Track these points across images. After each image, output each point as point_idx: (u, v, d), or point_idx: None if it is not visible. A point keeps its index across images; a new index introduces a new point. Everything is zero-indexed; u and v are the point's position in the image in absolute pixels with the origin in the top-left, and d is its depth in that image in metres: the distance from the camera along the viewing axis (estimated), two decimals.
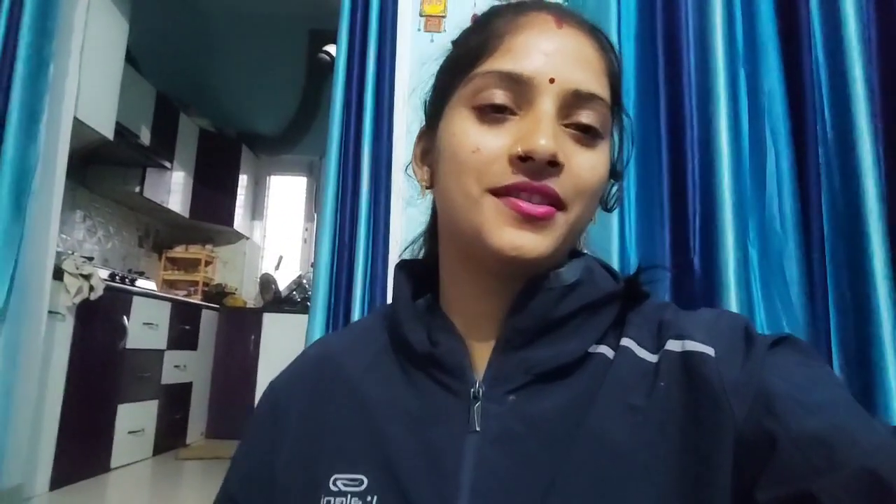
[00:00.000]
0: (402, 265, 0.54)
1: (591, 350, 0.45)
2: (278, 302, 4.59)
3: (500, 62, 0.44)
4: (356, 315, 1.57)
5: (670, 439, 0.40)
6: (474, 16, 1.80)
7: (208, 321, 4.10)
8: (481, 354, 0.47)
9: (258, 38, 5.08)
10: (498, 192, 0.43)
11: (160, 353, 3.41)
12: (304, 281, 4.68)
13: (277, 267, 5.01)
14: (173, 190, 4.28)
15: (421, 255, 0.59)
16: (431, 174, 0.51)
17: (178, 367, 3.62)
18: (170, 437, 3.54)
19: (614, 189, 0.53)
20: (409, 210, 1.73)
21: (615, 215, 1.49)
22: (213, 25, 4.98)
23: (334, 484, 0.44)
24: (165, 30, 4.31)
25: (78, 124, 2.39)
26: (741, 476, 0.37)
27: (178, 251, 4.74)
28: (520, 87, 0.43)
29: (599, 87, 0.45)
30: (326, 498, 0.44)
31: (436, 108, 0.50)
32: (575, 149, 0.44)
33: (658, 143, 1.50)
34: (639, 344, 0.45)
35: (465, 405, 0.44)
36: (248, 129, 5.11)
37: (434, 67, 0.54)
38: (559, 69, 0.43)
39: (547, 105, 0.43)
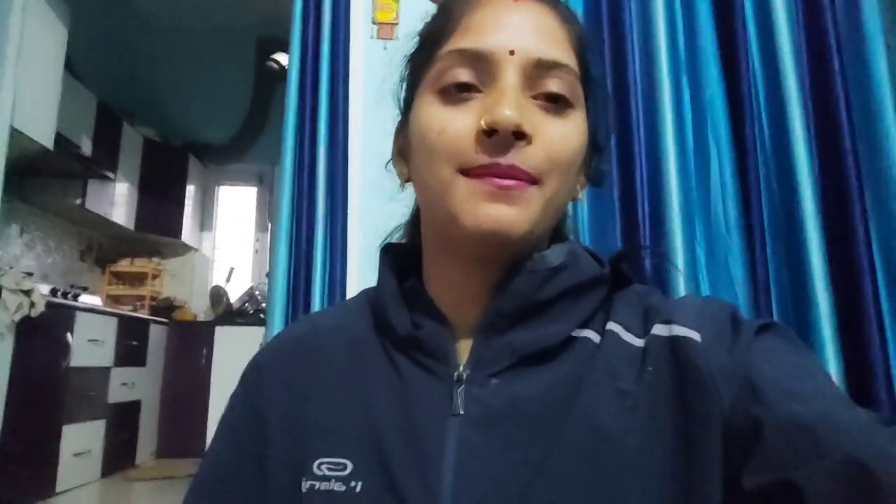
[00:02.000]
0: (387, 249, 0.54)
1: (575, 334, 0.45)
2: (230, 314, 4.48)
3: (460, 41, 0.44)
4: None
5: (660, 424, 0.40)
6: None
7: (157, 336, 3.98)
8: (465, 338, 0.47)
9: (204, 47, 4.98)
10: (469, 174, 0.42)
11: (106, 370, 3.29)
12: (257, 292, 4.59)
13: (228, 279, 4.89)
14: (117, 202, 4.14)
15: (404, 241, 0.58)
16: (409, 168, 0.50)
17: (126, 385, 3.49)
18: (118, 458, 3.41)
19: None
20: (392, 205, 1.72)
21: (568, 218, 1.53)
22: (157, 33, 4.86)
23: (319, 468, 0.44)
24: (107, 37, 4.18)
25: (15, 133, 2.29)
26: (729, 462, 0.37)
27: (124, 265, 4.57)
28: (481, 63, 0.43)
29: (563, 55, 0.44)
30: (309, 482, 0.43)
31: (406, 100, 0.50)
32: (544, 119, 0.43)
33: (608, 151, 1.54)
34: (625, 328, 0.45)
35: (447, 388, 0.44)
36: (195, 139, 4.99)
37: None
38: (519, 40, 0.43)
39: (510, 77, 0.42)
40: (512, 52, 0.42)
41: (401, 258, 0.53)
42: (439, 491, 0.40)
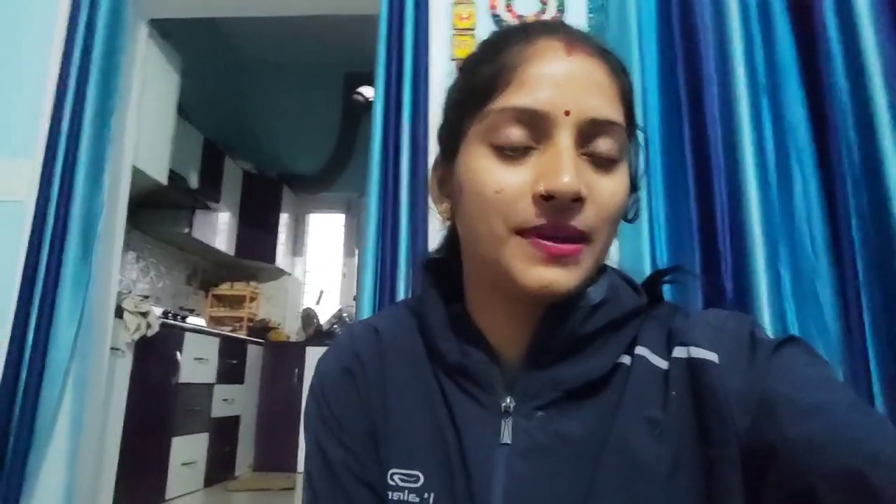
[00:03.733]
0: (428, 265, 0.54)
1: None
2: (320, 335, 4.70)
3: (514, 97, 0.44)
4: None
5: (687, 451, 0.41)
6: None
7: (254, 356, 4.23)
8: (509, 368, 0.48)
9: (295, 84, 5.33)
10: (524, 233, 0.43)
11: (210, 386, 3.52)
12: (345, 314, 4.79)
13: (318, 301, 5.14)
14: (219, 230, 4.47)
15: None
16: (452, 206, 0.51)
17: (227, 401, 3.73)
18: (219, 469, 3.63)
19: (632, 201, 0.51)
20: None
21: (646, 241, 1.53)
22: (254, 73, 5.26)
23: (392, 478, 0.46)
24: (211, 78, 4.57)
25: (136, 172, 2.57)
26: (749, 485, 0.38)
27: (224, 288, 4.91)
28: (536, 121, 0.43)
29: (614, 111, 0.45)
30: (388, 492, 0.46)
31: (451, 141, 0.50)
32: (595, 177, 0.44)
33: (684, 172, 1.54)
34: (652, 351, 0.46)
35: (495, 418, 0.46)
36: (287, 170, 5.32)
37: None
38: (573, 99, 0.43)
39: (565, 139, 0.43)
40: (567, 113, 0.43)
41: (442, 277, 0.53)
42: None
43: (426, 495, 0.44)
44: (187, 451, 3.22)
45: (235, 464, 3.90)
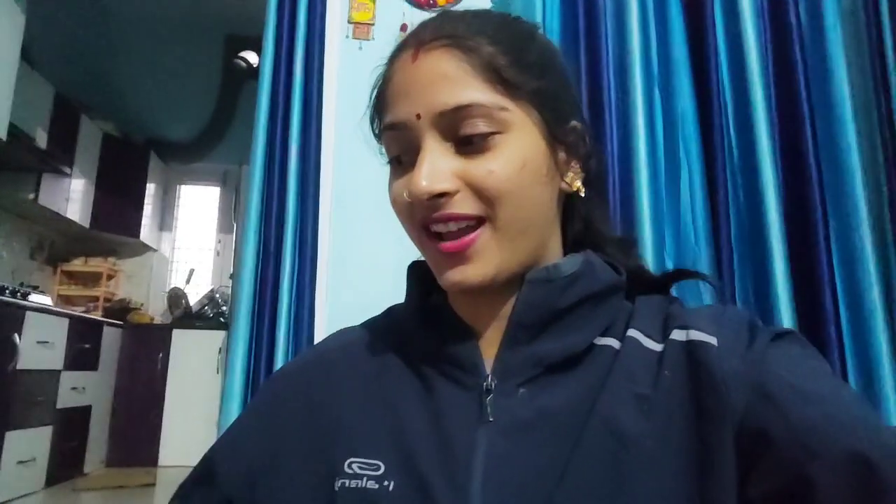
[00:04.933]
0: (414, 266, 0.55)
1: (597, 342, 0.47)
2: (189, 317, 4.37)
3: (386, 117, 0.48)
4: (282, 325, 1.51)
5: (677, 427, 0.41)
6: (403, 25, 1.78)
7: (110, 339, 3.83)
8: (489, 348, 0.48)
9: (170, 41, 4.85)
10: (426, 226, 0.46)
11: (56, 373, 3.14)
12: (217, 295, 4.49)
13: (188, 281, 4.76)
14: (72, 198, 3.99)
15: None
16: None
17: (76, 390, 3.34)
18: (65, 466, 3.25)
19: (558, 155, 0.49)
20: (362, 205, 1.69)
21: None
22: (120, 24, 4.71)
23: (349, 467, 0.45)
24: (66, 25, 4.03)
25: None
26: (741, 467, 0.38)
27: (77, 264, 4.40)
28: (403, 132, 0.46)
29: (464, 93, 0.44)
30: (341, 480, 0.45)
31: None
32: (467, 163, 0.44)
33: None
34: (645, 335, 0.46)
35: (476, 398, 0.46)
36: (157, 136, 4.86)
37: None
38: (420, 102, 0.45)
39: (428, 141, 0.45)
40: (419, 116, 0.45)
41: (426, 274, 0.53)
42: (469, 493, 0.41)
43: (386, 483, 0.44)
44: (24, 448, 2.84)
45: (85, 459, 3.52)
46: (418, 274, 0.54)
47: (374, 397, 0.49)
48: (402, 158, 0.47)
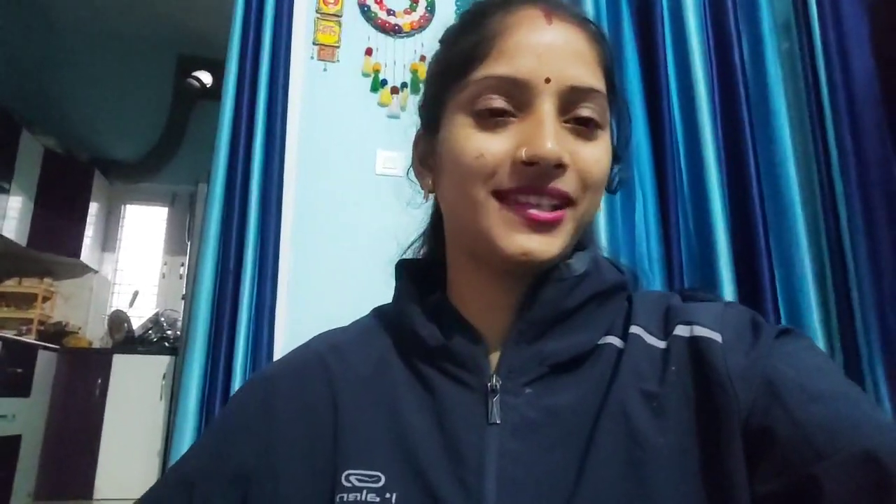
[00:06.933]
0: (404, 264, 0.54)
1: (600, 342, 0.46)
2: (131, 342, 4.18)
3: (495, 66, 0.44)
4: (241, 345, 1.48)
5: (686, 425, 0.40)
6: (368, 49, 1.80)
7: (45, 364, 3.61)
8: (493, 347, 0.47)
9: (118, 58, 4.76)
10: (504, 195, 0.43)
11: None
12: (163, 318, 4.32)
13: (132, 304, 4.57)
14: (9, 215, 3.79)
15: (421, 255, 0.59)
16: (434, 179, 0.51)
17: (5, 418, 3.13)
18: None
19: (616, 171, 0.52)
20: (326, 226, 1.69)
21: None
22: (66, 38, 4.59)
23: (347, 479, 0.43)
24: (9, 36, 3.89)
25: None
26: (748, 463, 0.38)
27: (10, 285, 4.17)
28: (517, 89, 0.43)
29: (594, 79, 0.45)
30: (340, 494, 0.42)
31: (432, 114, 0.50)
32: (577, 144, 0.44)
33: None
34: (647, 332, 0.45)
35: (481, 399, 0.44)
36: (102, 153, 4.69)
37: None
38: (554, 66, 0.43)
39: (546, 106, 0.43)
40: (548, 81, 0.43)
41: (416, 272, 0.52)
42: (483, 496, 0.40)
43: (388, 495, 0.42)
44: None
45: (12, 492, 3.28)
46: (410, 272, 0.52)
47: (372, 400, 0.47)
48: (492, 117, 0.44)
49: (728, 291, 1.48)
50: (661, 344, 0.44)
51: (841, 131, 1.52)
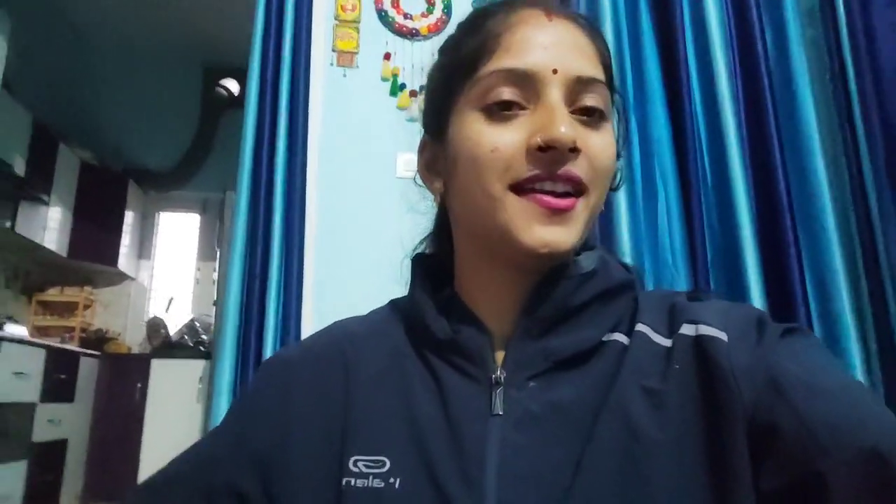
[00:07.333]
0: (418, 259, 0.55)
1: (605, 338, 0.47)
2: (168, 347, 4.29)
3: (502, 61, 0.46)
4: (268, 351, 1.51)
5: (689, 422, 0.41)
6: (387, 54, 1.82)
7: (87, 370, 3.75)
8: (500, 342, 0.48)
9: (147, 71, 4.88)
10: (521, 187, 0.44)
11: (31, 406, 3.07)
12: (197, 323, 4.42)
13: (167, 309, 4.70)
14: (49, 226, 3.93)
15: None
16: (444, 182, 0.52)
17: (53, 422, 3.26)
18: (40, 501, 3.15)
19: (618, 167, 0.53)
20: (349, 236, 1.72)
21: None
22: (98, 54, 4.73)
23: (355, 465, 0.44)
24: (46, 54, 4.03)
25: None
26: (753, 460, 0.38)
27: (52, 294, 4.32)
28: (525, 82, 0.45)
29: (596, 71, 0.47)
30: (346, 479, 0.44)
31: (439, 117, 0.51)
32: (586, 132, 0.45)
33: None
34: (653, 329, 0.46)
35: (485, 391, 0.45)
36: (135, 164, 4.84)
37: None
38: (559, 59, 0.45)
39: (555, 95, 0.44)
40: (555, 71, 0.45)
41: (431, 268, 0.54)
42: (483, 488, 0.41)
43: (392, 480, 0.43)
44: None
45: (60, 494, 3.41)
46: (425, 266, 0.54)
47: (384, 389, 0.48)
48: (501, 110, 0.45)
49: (755, 284, 1.46)
50: (667, 342, 0.45)
51: (870, 120, 1.48)
